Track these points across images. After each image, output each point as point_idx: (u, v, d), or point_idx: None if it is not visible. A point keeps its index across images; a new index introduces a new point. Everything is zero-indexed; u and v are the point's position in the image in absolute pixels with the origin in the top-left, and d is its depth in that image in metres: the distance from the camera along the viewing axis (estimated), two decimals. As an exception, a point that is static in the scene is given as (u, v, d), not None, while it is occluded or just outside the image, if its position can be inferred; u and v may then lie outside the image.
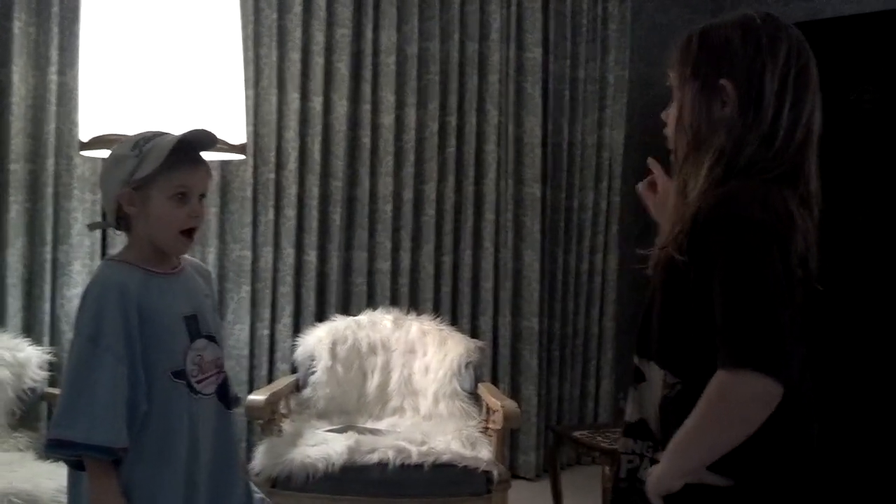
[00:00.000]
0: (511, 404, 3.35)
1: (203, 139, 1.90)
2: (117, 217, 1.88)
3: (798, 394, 1.40)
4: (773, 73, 1.44)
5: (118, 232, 1.94)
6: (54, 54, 3.62)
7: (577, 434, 3.84)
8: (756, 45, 1.46)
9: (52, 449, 1.79)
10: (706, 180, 1.45)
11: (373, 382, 3.75)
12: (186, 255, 2.04)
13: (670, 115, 1.56)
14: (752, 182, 1.41)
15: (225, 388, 1.98)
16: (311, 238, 4.13)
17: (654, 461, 1.51)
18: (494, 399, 3.42)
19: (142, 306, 1.80)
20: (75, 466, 1.83)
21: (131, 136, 1.88)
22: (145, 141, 1.84)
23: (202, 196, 1.89)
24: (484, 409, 3.55)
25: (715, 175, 1.44)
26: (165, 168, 1.79)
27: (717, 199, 1.40)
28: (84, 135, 3.01)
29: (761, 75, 1.44)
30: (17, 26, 3.55)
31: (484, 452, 3.22)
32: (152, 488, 1.82)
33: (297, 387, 3.67)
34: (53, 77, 3.62)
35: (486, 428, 3.45)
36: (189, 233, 1.87)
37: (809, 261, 1.43)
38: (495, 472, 3.15)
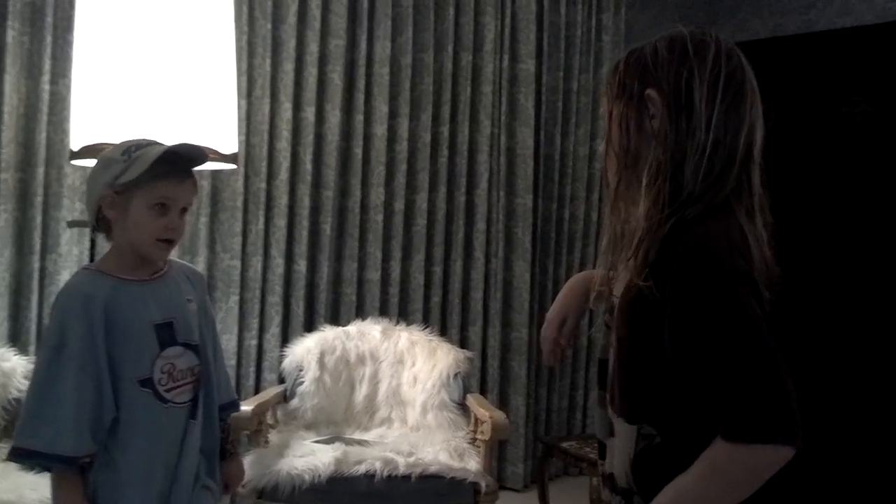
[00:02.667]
0: (500, 415, 3.35)
1: (193, 154, 1.90)
2: (97, 218, 1.89)
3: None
4: (702, 78, 1.37)
5: (106, 241, 1.95)
6: (47, 63, 3.62)
7: (565, 445, 3.84)
8: (682, 51, 1.39)
9: (17, 457, 1.80)
10: (652, 198, 1.37)
11: (361, 393, 3.75)
12: (177, 260, 2.05)
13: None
14: (712, 223, 1.33)
15: (207, 397, 1.97)
16: (301, 248, 4.13)
17: None
18: (483, 410, 3.42)
19: (108, 314, 1.80)
20: (47, 470, 1.84)
21: (126, 142, 1.88)
22: (137, 147, 1.84)
23: (184, 210, 1.89)
24: (472, 420, 3.55)
25: (662, 191, 1.36)
26: (150, 177, 1.80)
27: (689, 242, 1.31)
28: (75, 144, 3.00)
29: (689, 81, 1.37)
30: (11, 35, 3.55)
31: (472, 464, 3.22)
32: (117, 495, 1.83)
33: (285, 397, 3.67)
34: (46, 86, 3.62)
35: (475, 439, 3.45)
36: (167, 241, 1.87)
37: (767, 276, 1.36)
38: (483, 484, 3.15)
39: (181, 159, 1.87)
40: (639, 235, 1.36)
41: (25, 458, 1.80)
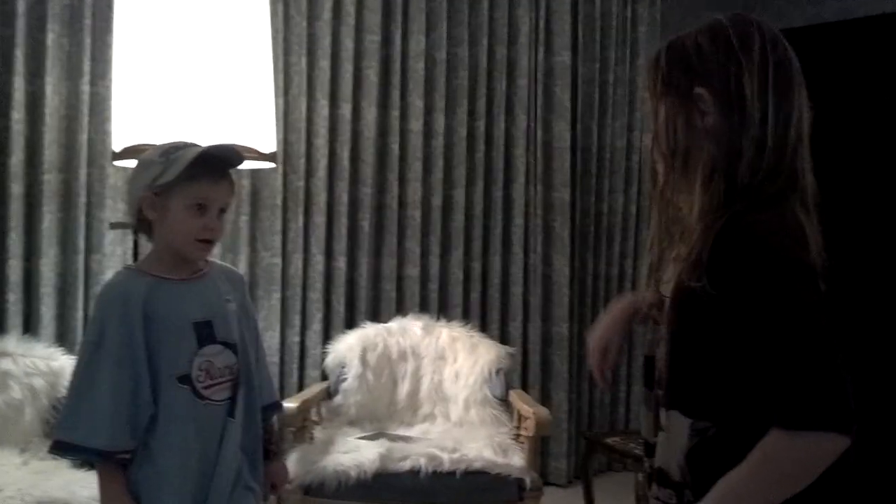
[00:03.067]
0: (543, 411, 3.34)
1: (228, 155, 1.91)
2: (138, 219, 1.91)
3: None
4: (751, 72, 1.34)
5: (148, 242, 1.96)
6: (87, 65, 3.65)
7: (609, 440, 3.82)
8: (727, 45, 1.36)
9: (56, 451, 1.84)
10: (704, 198, 1.35)
11: (403, 389, 3.76)
12: (217, 261, 2.06)
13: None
14: (768, 213, 1.31)
15: (247, 397, 1.97)
16: (341, 245, 4.13)
17: None
18: (526, 406, 3.41)
19: (147, 312, 1.82)
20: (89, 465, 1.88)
21: (165, 143, 1.90)
22: (175, 149, 1.86)
23: (222, 210, 1.90)
24: (515, 416, 3.54)
25: (715, 191, 1.35)
26: (187, 178, 1.82)
27: (745, 233, 1.29)
28: (116, 145, 3.03)
29: (738, 76, 1.34)
30: (51, 38, 3.59)
31: (516, 459, 3.21)
32: (156, 491, 1.85)
33: (329, 394, 3.69)
34: (86, 88, 3.65)
35: (518, 435, 3.44)
36: (206, 240, 1.89)
37: (822, 270, 1.33)
38: (527, 480, 3.14)
39: (217, 160, 1.89)
40: (695, 236, 1.34)
41: (64, 451, 1.84)
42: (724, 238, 1.30)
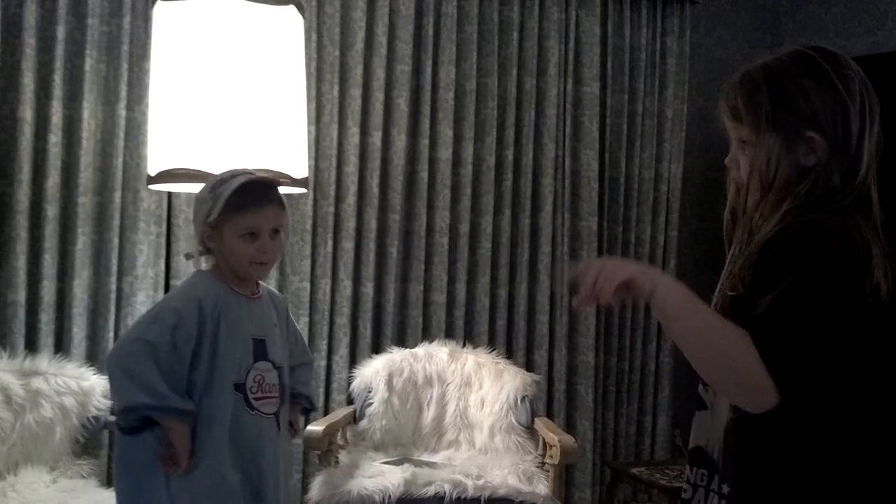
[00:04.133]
0: (569, 439, 3.34)
1: (266, 184, 2.03)
2: (203, 250, 2.07)
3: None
4: (855, 114, 1.42)
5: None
6: (123, 90, 3.72)
7: (635, 471, 3.80)
8: (831, 87, 1.43)
9: (127, 413, 1.92)
10: (776, 215, 1.42)
11: (429, 415, 3.77)
12: (265, 285, 2.15)
13: (742, 164, 1.51)
14: (830, 215, 1.39)
15: (278, 415, 2.08)
16: (369, 270, 4.16)
17: (707, 491, 1.50)
18: (551, 433, 3.41)
19: (220, 318, 1.96)
20: (131, 431, 1.94)
21: (215, 176, 2.02)
22: (221, 182, 1.99)
23: (276, 231, 2.00)
24: (540, 444, 3.54)
25: (789, 212, 1.41)
26: (233, 210, 1.95)
27: (795, 229, 1.37)
28: (151, 169, 3.08)
29: (846, 119, 1.42)
30: (89, 63, 3.66)
31: (541, 487, 3.20)
32: (214, 484, 1.95)
33: (354, 418, 3.70)
34: (122, 112, 3.72)
35: (543, 463, 3.44)
36: (261, 262, 2.00)
37: (882, 288, 1.38)
38: (552, 508, 3.14)
39: (260, 187, 1.98)
40: (760, 241, 1.41)
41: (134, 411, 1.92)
42: (778, 233, 1.37)
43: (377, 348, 4.10)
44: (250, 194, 1.98)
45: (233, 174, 2.02)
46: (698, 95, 4.81)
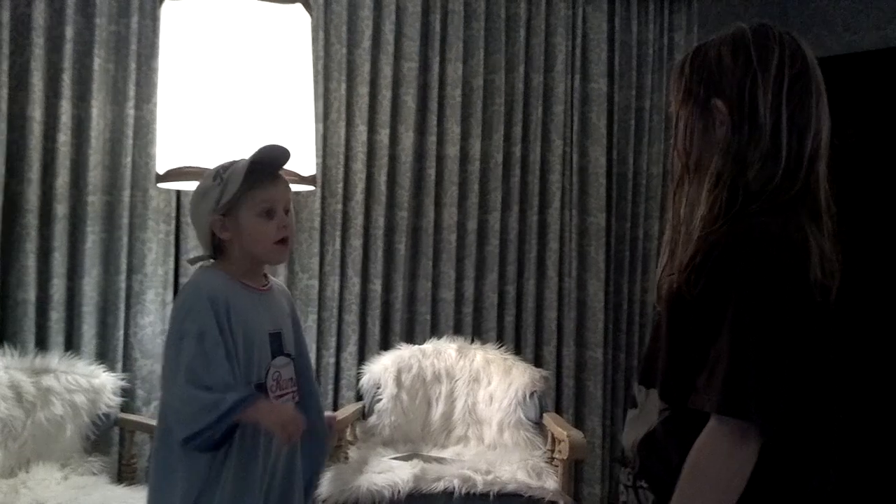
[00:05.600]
0: (577, 434, 3.34)
1: (277, 155, 1.98)
2: (213, 245, 1.98)
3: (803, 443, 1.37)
4: (766, 86, 1.39)
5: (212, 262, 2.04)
6: (132, 90, 3.73)
7: (643, 466, 3.80)
8: (746, 58, 1.41)
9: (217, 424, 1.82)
10: (709, 205, 1.40)
11: (437, 411, 3.77)
12: (272, 277, 2.13)
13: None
14: (769, 217, 1.36)
15: (307, 410, 2.04)
16: (377, 267, 4.17)
17: (635, 490, 1.50)
18: (560, 429, 3.42)
19: (232, 315, 1.87)
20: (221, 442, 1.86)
21: (211, 169, 1.97)
22: (224, 169, 1.94)
23: (288, 208, 1.98)
24: (549, 440, 3.54)
25: (719, 199, 1.39)
26: (248, 188, 1.90)
27: (735, 237, 1.34)
28: (160, 167, 3.09)
29: (753, 90, 1.39)
30: (97, 63, 3.68)
31: (550, 483, 3.21)
32: (241, 489, 1.90)
33: (363, 414, 3.71)
34: (131, 111, 3.73)
35: (552, 458, 3.44)
36: (283, 241, 1.95)
37: (827, 282, 1.36)
38: (561, 503, 3.14)
39: (268, 163, 1.96)
40: (694, 239, 1.40)
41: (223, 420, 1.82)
42: (720, 241, 1.35)
43: (386, 345, 4.11)
44: (261, 170, 1.94)
45: (231, 162, 1.98)
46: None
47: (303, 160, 3.14)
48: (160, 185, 3.20)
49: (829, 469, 1.42)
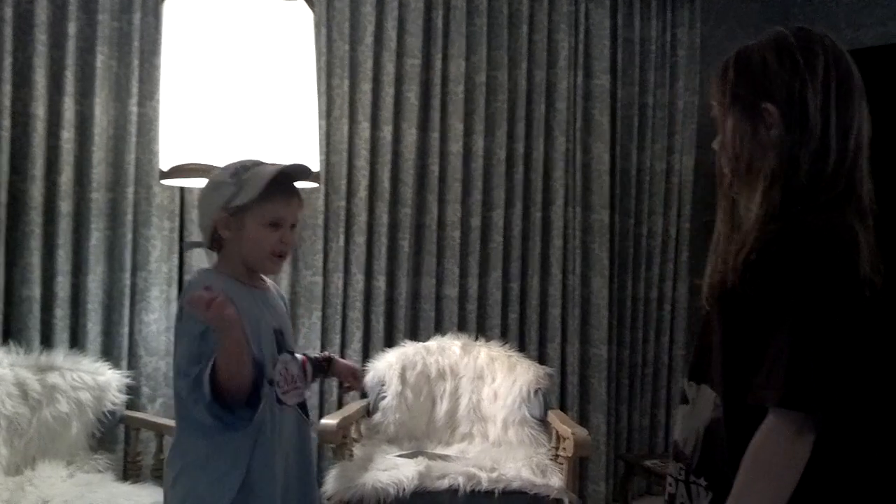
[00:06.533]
0: (582, 431, 3.33)
1: (299, 172, 1.97)
2: (212, 237, 1.97)
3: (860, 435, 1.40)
4: (815, 89, 1.43)
5: (210, 252, 2.03)
6: (135, 86, 3.73)
7: (648, 463, 3.80)
8: (792, 62, 1.44)
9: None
10: (763, 205, 1.44)
11: (442, 408, 3.77)
12: (266, 278, 2.12)
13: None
14: (819, 215, 1.39)
15: (304, 404, 2.06)
16: (381, 264, 4.17)
17: (688, 484, 1.51)
18: (565, 426, 3.41)
19: (239, 312, 1.85)
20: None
21: (232, 163, 1.96)
22: (244, 169, 1.93)
23: (293, 226, 1.97)
24: (553, 437, 3.54)
25: (772, 198, 1.43)
26: (261, 198, 1.88)
27: (789, 235, 1.38)
28: (164, 164, 3.09)
29: (802, 92, 1.43)
30: (100, 60, 3.67)
31: (554, 480, 3.21)
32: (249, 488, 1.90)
33: (368, 412, 3.71)
34: (134, 108, 3.73)
35: (556, 455, 3.44)
36: (280, 255, 1.94)
37: (874, 277, 1.40)
38: (566, 500, 3.14)
39: (287, 178, 1.95)
40: (749, 239, 1.42)
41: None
42: (775, 240, 1.39)
43: (390, 342, 4.11)
44: (280, 184, 1.93)
45: (253, 163, 1.97)
46: (709, 87, 4.78)
47: (306, 157, 3.13)
48: (164, 181, 3.20)
49: (883, 463, 1.46)
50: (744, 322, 1.41)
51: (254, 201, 1.88)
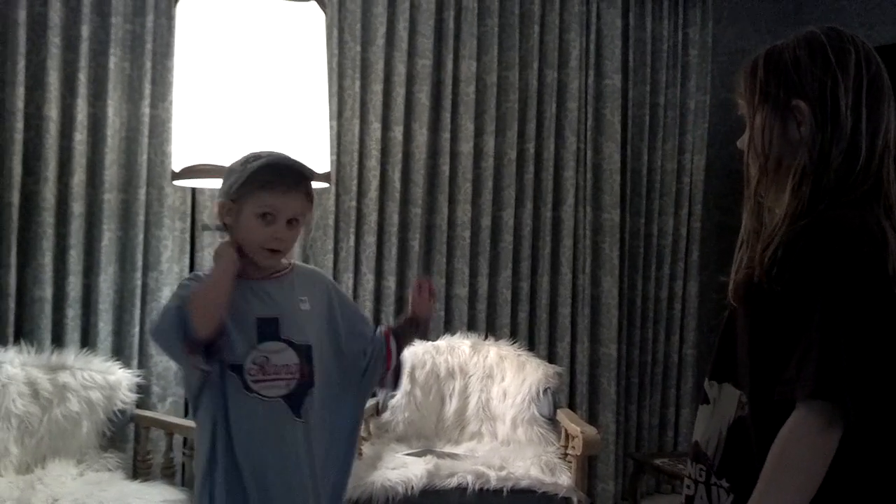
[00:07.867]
0: (591, 430, 3.34)
1: (296, 167, 1.96)
2: (220, 224, 2.02)
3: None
4: (847, 88, 1.43)
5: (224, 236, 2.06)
6: (147, 88, 3.75)
7: (658, 462, 3.80)
8: (824, 60, 1.44)
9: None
10: (792, 203, 1.43)
11: (451, 407, 3.78)
12: (302, 265, 2.14)
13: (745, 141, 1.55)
14: (848, 210, 1.39)
15: (299, 397, 1.97)
16: (391, 264, 4.18)
17: (708, 486, 1.50)
18: (574, 425, 3.42)
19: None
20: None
21: (251, 153, 1.97)
22: (255, 157, 1.93)
23: (294, 221, 1.95)
24: (563, 435, 3.55)
25: (802, 195, 1.42)
26: (257, 187, 1.89)
27: (818, 231, 1.38)
28: (176, 165, 3.11)
29: (834, 91, 1.42)
30: (113, 62, 3.70)
31: (563, 479, 3.21)
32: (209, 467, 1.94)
33: (377, 410, 3.72)
34: (146, 110, 3.75)
35: (566, 454, 3.44)
36: (271, 250, 1.94)
37: None
38: (575, 499, 3.15)
39: (290, 171, 1.94)
40: (778, 235, 1.42)
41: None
42: (802, 234, 1.39)
43: (400, 342, 4.11)
44: (281, 175, 1.91)
45: (267, 153, 1.96)
46: (721, 87, 4.79)
47: (317, 157, 3.15)
48: (175, 182, 3.22)
49: None
50: (772, 318, 1.41)
51: (249, 189, 1.89)
